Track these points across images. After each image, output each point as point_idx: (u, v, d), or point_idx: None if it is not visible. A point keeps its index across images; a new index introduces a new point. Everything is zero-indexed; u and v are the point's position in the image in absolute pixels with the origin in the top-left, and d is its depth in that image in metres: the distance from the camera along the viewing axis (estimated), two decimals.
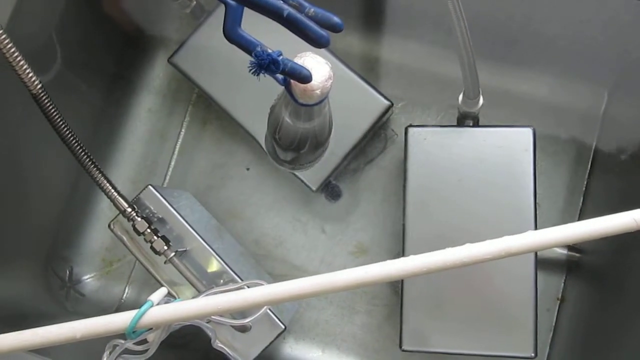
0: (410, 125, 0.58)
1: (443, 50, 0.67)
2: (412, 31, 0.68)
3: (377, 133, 0.67)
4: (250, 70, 0.29)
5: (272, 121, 0.40)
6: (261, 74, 0.29)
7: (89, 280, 0.64)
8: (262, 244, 0.66)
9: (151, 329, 0.36)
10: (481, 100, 0.55)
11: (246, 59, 0.34)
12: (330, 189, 0.67)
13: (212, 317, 0.39)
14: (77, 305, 0.63)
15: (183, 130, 0.67)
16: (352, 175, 0.67)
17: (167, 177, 0.67)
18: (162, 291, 0.34)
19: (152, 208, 0.53)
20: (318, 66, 0.32)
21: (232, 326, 0.48)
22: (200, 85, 0.62)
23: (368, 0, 0.68)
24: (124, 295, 0.65)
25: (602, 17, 0.60)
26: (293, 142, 0.40)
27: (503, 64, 0.64)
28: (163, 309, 0.33)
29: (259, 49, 0.29)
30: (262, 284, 0.33)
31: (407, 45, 0.68)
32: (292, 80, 0.32)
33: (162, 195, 0.53)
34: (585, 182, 0.63)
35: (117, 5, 0.61)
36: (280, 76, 0.32)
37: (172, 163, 0.67)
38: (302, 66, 0.31)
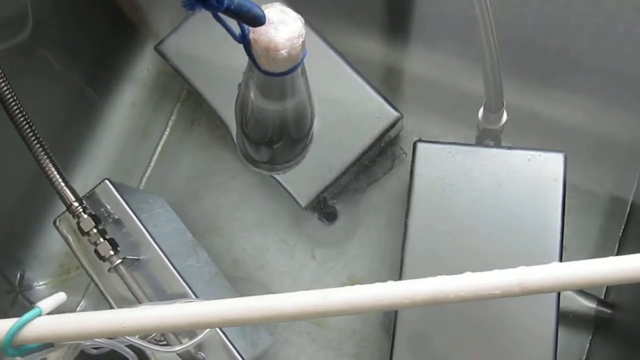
0: (420, 140, 0.50)
1: (471, 65, 0.59)
2: (439, 42, 0.60)
3: (384, 151, 0.59)
4: (184, 4, 0.22)
5: (239, 106, 0.32)
6: (197, 10, 0.22)
7: (41, 287, 0.57)
8: (242, 265, 0.58)
9: (52, 346, 0.28)
10: (505, 116, 0.47)
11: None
12: (325, 209, 0.58)
13: (130, 338, 0.31)
14: (22, 313, 0.55)
15: (168, 129, 0.60)
16: (352, 196, 0.59)
17: (144, 179, 0.60)
18: (59, 297, 0.26)
19: (108, 207, 0.46)
20: (287, 20, 0.25)
21: (179, 355, 0.39)
22: (189, 79, 0.55)
23: (395, 4, 0.61)
24: (78, 308, 0.57)
25: None
26: (265, 134, 0.32)
27: (533, 82, 0.56)
28: (55, 320, 0.24)
29: None
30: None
31: (431, 56, 0.61)
32: (252, 37, 0.25)
33: (120, 193, 0.46)
34: (622, 226, 0.54)
35: None
36: (237, 32, 0.25)
37: (152, 164, 0.60)
38: (253, 3, 0.23)
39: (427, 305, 0.23)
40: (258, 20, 0.23)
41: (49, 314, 0.26)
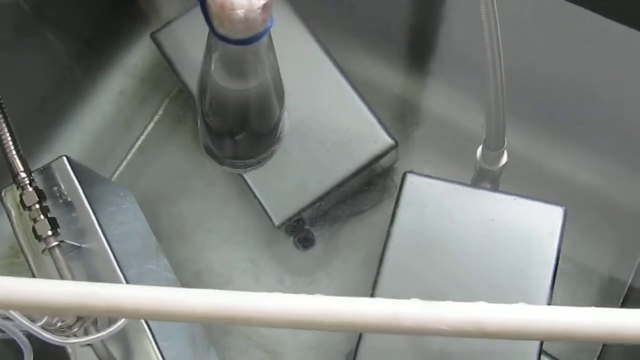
0: (410, 172, 0.46)
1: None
2: (458, 80, 0.57)
3: (375, 182, 0.55)
4: None
5: (199, 87, 0.29)
6: None
7: None
8: (204, 279, 0.54)
9: None
10: (505, 157, 0.43)
11: None
12: (301, 234, 0.54)
13: (22, 320, 0.26)
14: None
15: (152, 124, 0.57)
16: (333, 225, 0.55)
17: (118, 172, 0.56)
18: None
19: (62, 186, 0.42)
20: None
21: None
22: (180, 73, 0.52)
23: (419, 31, 0.58)
24: None
25: None
26: (225, 120, 0.29)
27: (545, 134, 0.53)
28: None
29: None
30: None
31: (447, 93, 0.57)
32: None
33: (76, 174, 0.42)
34: (619, 303, 0.49)
35: None
36: None
37: (129, 157, 0.57)
38: None
39: (356, 330, 0.18)
40: None
41: None
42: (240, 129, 0.29)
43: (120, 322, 0.31)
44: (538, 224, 0.42)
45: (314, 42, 0.52)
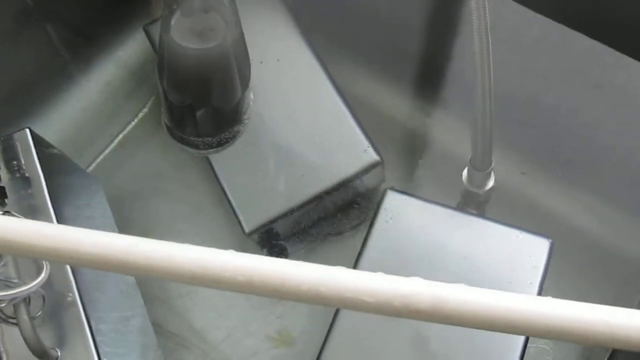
0: (392, 188, 0.43)
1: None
2: (463, 110, 0.54)
3: (358, 202, 0.52)
4: None
5: (159, 52, 0.27)
6: None
7: None
8: (165, 287, 0.51)
9: None
10: (492, 181, 0.41)
11: None
12: (275, 248, 0.51)
13: None
14: None
15: (135, 120, 0.55)
16: (310, 242, 0.52)
17: (94, 164, 0.54)
18: None
19: (22, 161, 0.40)
20: None
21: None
22: None
23: (425, 59, 0.57)
24: None
25: None
26: (184, 88, 0.27)
27: (544, 171, 0.50)
28: None
29: None
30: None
31: (448, 121, 0.54)
32: None
33: (37, 149, 0.40)
34: (607, 356, 0.45)
35: None
36: None
37: (107, 151, 0.55)
38: None
39: (263, 291, 0.15)
40: None
41: None
42: (199, 100, 0.27)
43: (39, 280, 0.28)
44: (521, 254, 0.39)
45: (311, 55, 0.50)
